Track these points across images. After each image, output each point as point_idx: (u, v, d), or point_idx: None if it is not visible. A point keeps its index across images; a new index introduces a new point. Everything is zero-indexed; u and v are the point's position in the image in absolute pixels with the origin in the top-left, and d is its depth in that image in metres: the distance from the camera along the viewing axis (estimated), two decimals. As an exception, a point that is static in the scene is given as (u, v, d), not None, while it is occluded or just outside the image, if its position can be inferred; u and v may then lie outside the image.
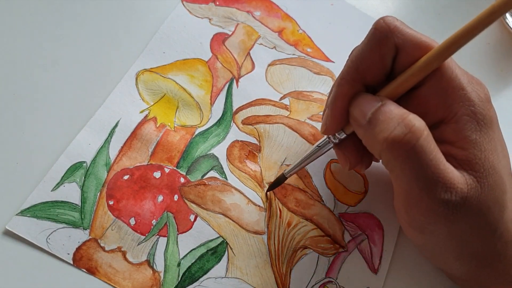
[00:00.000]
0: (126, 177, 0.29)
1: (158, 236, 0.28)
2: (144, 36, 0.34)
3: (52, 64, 0.32)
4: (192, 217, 0.29)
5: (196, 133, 0.32)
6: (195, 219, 0.29)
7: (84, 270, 0.27)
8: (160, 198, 0.29)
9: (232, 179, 0.31)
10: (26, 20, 0.33)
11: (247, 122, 0.33)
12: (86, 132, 0.30)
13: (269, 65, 0.35)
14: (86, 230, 0.28)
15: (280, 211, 0.30)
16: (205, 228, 0.29)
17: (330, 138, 0.27)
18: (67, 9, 0.34)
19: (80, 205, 0.28)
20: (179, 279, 0.27)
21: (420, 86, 0.25)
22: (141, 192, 0.29)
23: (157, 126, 0.31)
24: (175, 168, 0.30)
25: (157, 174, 0.30)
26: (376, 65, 0.24)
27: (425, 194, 0.23)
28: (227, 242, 0.29)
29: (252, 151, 0.32)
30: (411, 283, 0.30)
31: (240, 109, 0.33)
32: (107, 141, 0.30)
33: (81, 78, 0.32)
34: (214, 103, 0.33)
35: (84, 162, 0.29)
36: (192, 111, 0.32)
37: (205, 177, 0.30)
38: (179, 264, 0.28)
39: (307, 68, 0.35)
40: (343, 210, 0.31)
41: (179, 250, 0.28)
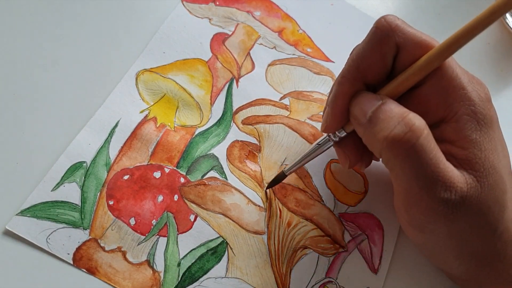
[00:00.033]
0: (126, 177, 0.29)
1: (158, 236, 0.28)
2: (144, 36, 0.34)
3: (52, 64, 0.32)
4: (192, 217, 0.29)
5: (196, 133, 0.32)
6: (195, 219, 0.29)
7: (84, 270, 0.27)
8: (160, 198, 0.29)
9: (232, 179, 0.31)
10: (26, 20, 0.33)
11: (247, 122, 0.33)
12: (86, 132, 0.30)
13: (269, 65, 0.35)
14: (86, 230, 0.28)
15: (280, 211, 0.30)
16: (205, 228, 0.29)
17: (330, 136, 0.27)
18: (67, 9, 0.34)
19: (80, 205, 0.28)
20: (179, 279, 0.27)
21: (421, 85, 0.25)
22: (141, 192, 0.29)
23: (157, 126, 0.31)
24: (175, 168, 0.30)
25: (157, 174, 0.30)
26: (377, 63, 0.24)
27: (425, 193, 0.23)
28: (227, 242, 0.29)
29: (252, 151, 0.32)
30: (411, 283, 0.30)
31: (240, 109, 0.33)
32: (107, 141, 0.30)
33: (81, 78, 0.32)
34: (214, 103, 0.33)
35: (84, 162, 0.29)
36: (192, 111, 0.32)
37: (205, 177, 0.30)
38: (179, 264, 0.28)
39: (307, 68, 0.35)
40: (343, 210, 0.31)
41: (179, 250, 0.28)
